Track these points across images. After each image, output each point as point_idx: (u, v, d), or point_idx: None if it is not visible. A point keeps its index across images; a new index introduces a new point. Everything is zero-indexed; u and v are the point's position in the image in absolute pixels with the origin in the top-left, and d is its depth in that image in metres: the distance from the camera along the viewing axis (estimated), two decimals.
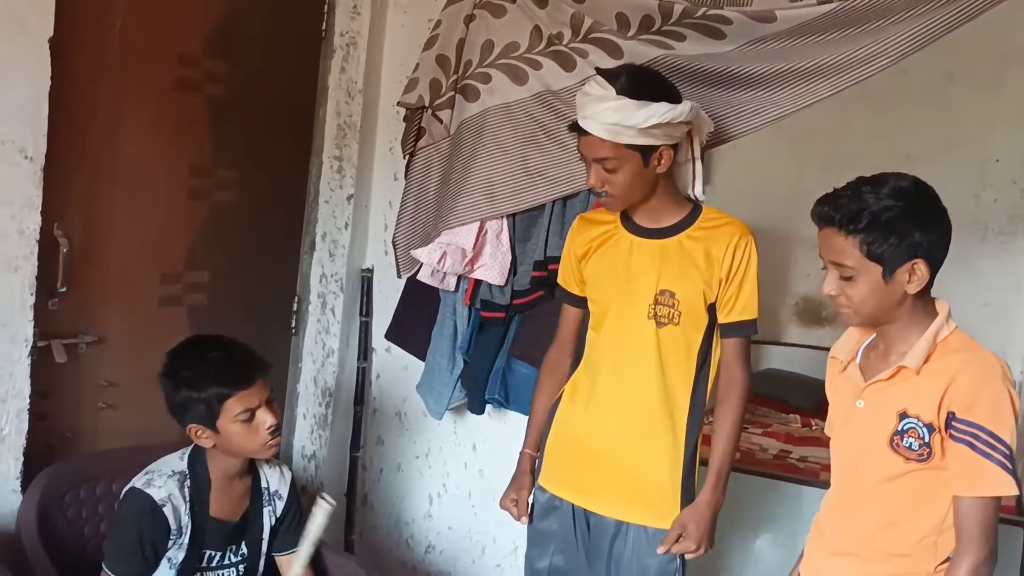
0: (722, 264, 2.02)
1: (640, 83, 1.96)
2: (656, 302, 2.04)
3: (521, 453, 2.28)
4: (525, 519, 2.24)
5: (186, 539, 1.97)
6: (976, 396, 1.50)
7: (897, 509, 1.59)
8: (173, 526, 1.94)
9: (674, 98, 1.98)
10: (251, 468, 2.11)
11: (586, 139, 1.99)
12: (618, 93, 1.92)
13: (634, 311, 2.07)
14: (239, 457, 2.03)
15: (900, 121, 4.68)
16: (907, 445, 1.54)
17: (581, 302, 2.22)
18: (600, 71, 2.02)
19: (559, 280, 2.28)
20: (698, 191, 2.17)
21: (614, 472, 2.10)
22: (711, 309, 2.06)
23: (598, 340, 2.14)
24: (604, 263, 2.13)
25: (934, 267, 1.55)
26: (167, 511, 1.93)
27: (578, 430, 2.15)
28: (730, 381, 2.09)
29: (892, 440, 1.56)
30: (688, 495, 2.08)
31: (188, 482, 1.99)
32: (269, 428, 1.98)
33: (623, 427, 2.09)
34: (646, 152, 1.97)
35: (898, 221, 1.51)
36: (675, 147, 2.02)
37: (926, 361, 1.55)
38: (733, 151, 4.56)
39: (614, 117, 1.92)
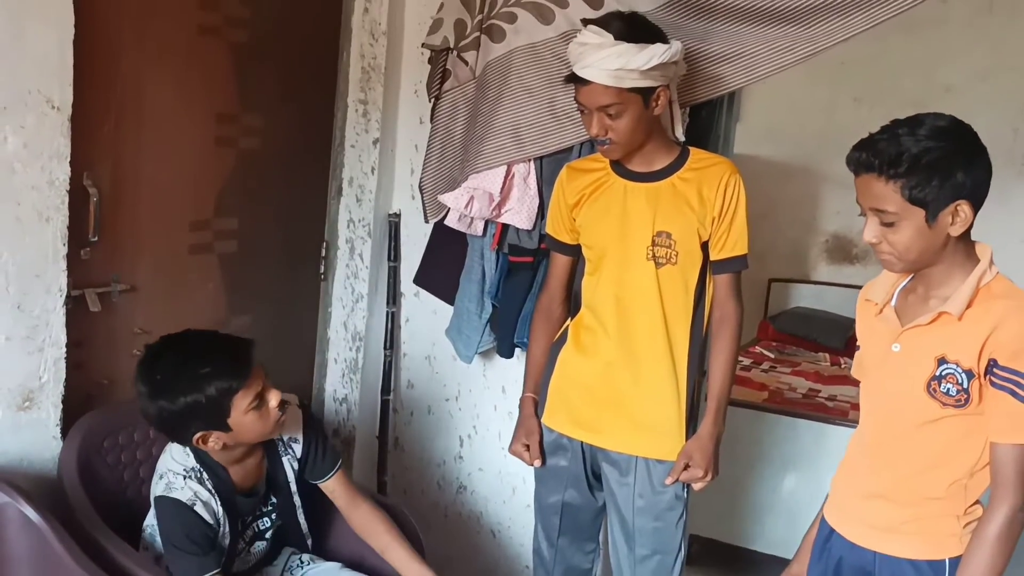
0: (714, 203, 2.10)
1: (633, 27, 2.01)
2: (654, 243, 2.11)
3: (523, 398, 2.34)
4: (538, 462, 2.30)
5: (226, 527, 1.95)
6: (1021, 344, 1.47)
7: (933, 453, 1.59)
8: (210, 520, 1.90)
9: (663, 38, 2.03)
10: None
11: (587, 88, 2.02)
12: (616, 39, 1.97)
13: (633, 253, 2.13)
14: (252, 443, 1.97)
15: (937, 51, 4.55)
16: (944, 391, 1.53)
17: (571, 250, 2.28)
18: (588, 20, 2.07)
19: (547, 230, 2.34)
20: (679, 132, 2.26)
21: (621, 410, 2.19)
22: (704, 247, 2.14)
23: (596, 284, 2.21)
24: (598, 208, 2.18)
25: (977, 208, 1.51)
26: (199, 509, 1.88)
27: (584, 371, 2.23)
28: (723, 316, 2.17)
29: (929, 385, 1.55)
30: (692, 428, 2.19)
31: (205, 476, 1.92)
32: (278, 405, 1.91)
33: (629, 366, 2.17)
34: (647, 94, 2.02)
35: (939, 162, 1.47)
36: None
37: (968, 307, 1.52)
38: (763, 86, 4.50)
39: (617, 62, 1.96)
